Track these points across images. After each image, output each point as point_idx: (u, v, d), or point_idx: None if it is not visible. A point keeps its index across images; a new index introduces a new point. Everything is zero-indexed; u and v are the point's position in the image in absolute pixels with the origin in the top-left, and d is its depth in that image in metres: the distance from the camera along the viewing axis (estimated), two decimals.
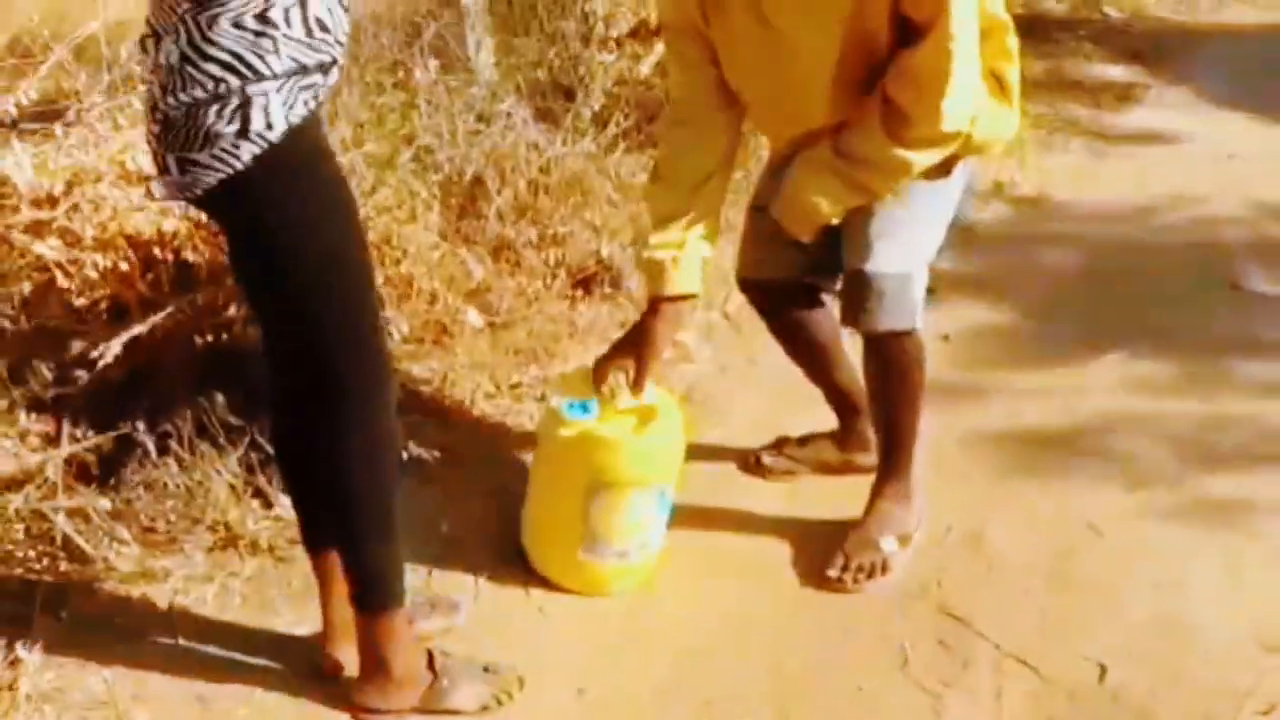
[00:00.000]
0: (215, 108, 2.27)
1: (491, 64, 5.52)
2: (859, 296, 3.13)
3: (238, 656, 2.94)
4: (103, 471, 3.29)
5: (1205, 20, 8.87)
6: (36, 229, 3.46)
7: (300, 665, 2.90)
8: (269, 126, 2.29)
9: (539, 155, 4.75)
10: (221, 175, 2.29)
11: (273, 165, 2.30)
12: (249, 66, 2.26)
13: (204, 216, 3.29)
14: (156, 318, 3.34)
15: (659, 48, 5.75)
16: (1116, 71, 7.57)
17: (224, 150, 2.28)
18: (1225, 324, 4.65)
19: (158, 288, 3.47)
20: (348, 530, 2.66)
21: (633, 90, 5.58)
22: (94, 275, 3.40)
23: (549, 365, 4.09)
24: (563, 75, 5.58)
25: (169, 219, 3.53)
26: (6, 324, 3.46)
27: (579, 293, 4.50)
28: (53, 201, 3.49)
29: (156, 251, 3.49)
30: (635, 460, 3.10)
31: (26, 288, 3.45)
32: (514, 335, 4.19)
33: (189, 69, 2.26)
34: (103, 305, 3.47)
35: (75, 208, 3.46)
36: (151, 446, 3.25)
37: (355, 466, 2.57)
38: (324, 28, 2.31)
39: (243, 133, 2.27)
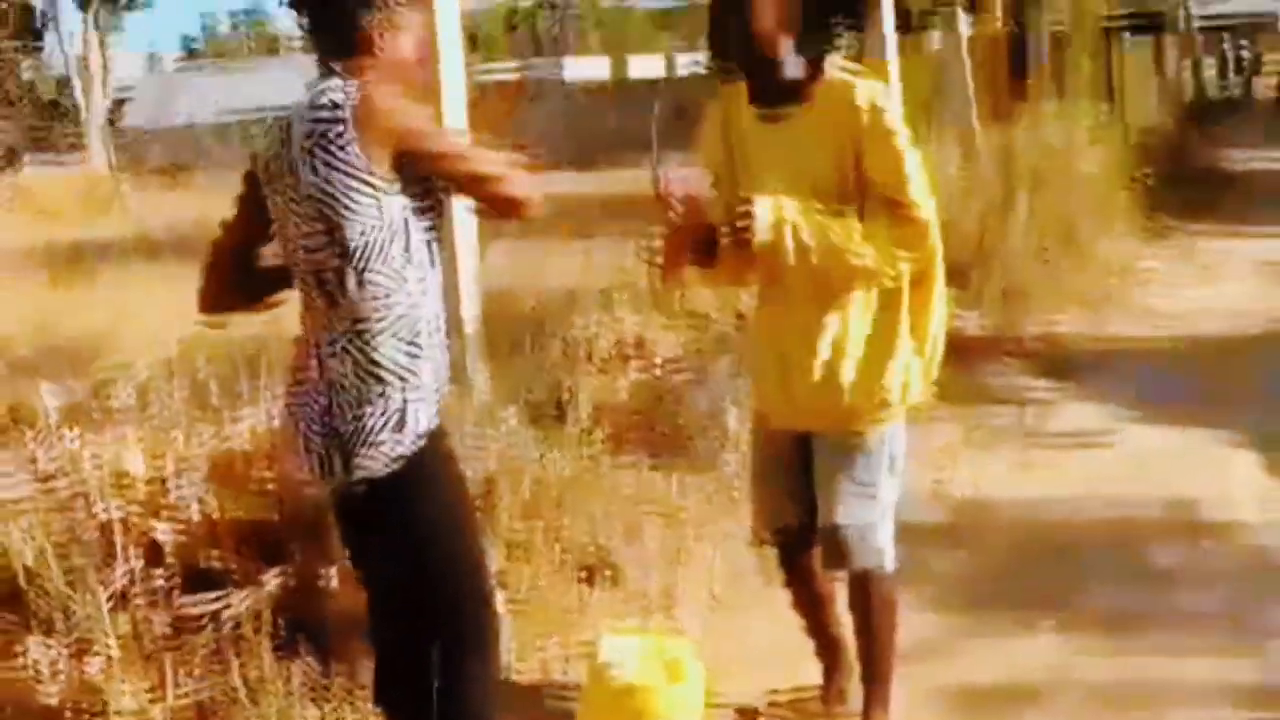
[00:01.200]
0: (381, 418, 3.05)
1: (487, 381, 6.29)
2: (833, 544, 3.96)
3: None
4: None
5: (1116, 337, 9.86)
6: (151, 510, 4.15)
7: None
8: (418, 428, 3.06)
9: (539, 462, 5.48)
10: (381, 470, 3.02)
11: (419, 457, 3.03)
12: (407, 377, 3.06)
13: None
14: (256, 588, 4.02)
15: (635, 368, 6.63)
16: (1038, 385, 8.45)
17: (384, 450, 3.05)
18: (1138, 599, 5.32)
19: (253, 561, 4.16)
20: None
21: (614, 407, 6.38)
22: (198, 550, 4.09)
23: (568, 637, 4.74)
24: (552, 392, 6.37)
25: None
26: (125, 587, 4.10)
27: (584, 579, 5.20)
28: (163, 487, 4.20)
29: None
30: (672, 706, 3.81)
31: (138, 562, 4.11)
32: (533, 614, 4.83)
33: (361, 387, 3.05)
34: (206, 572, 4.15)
35: (181, 495, 4.17)
36: (245, 699, 3.86)
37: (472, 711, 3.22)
38: (445, 346, 3.08)
39: (399, 436, 3.03)
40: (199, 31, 77.46)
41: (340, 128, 3.04)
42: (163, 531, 4.15)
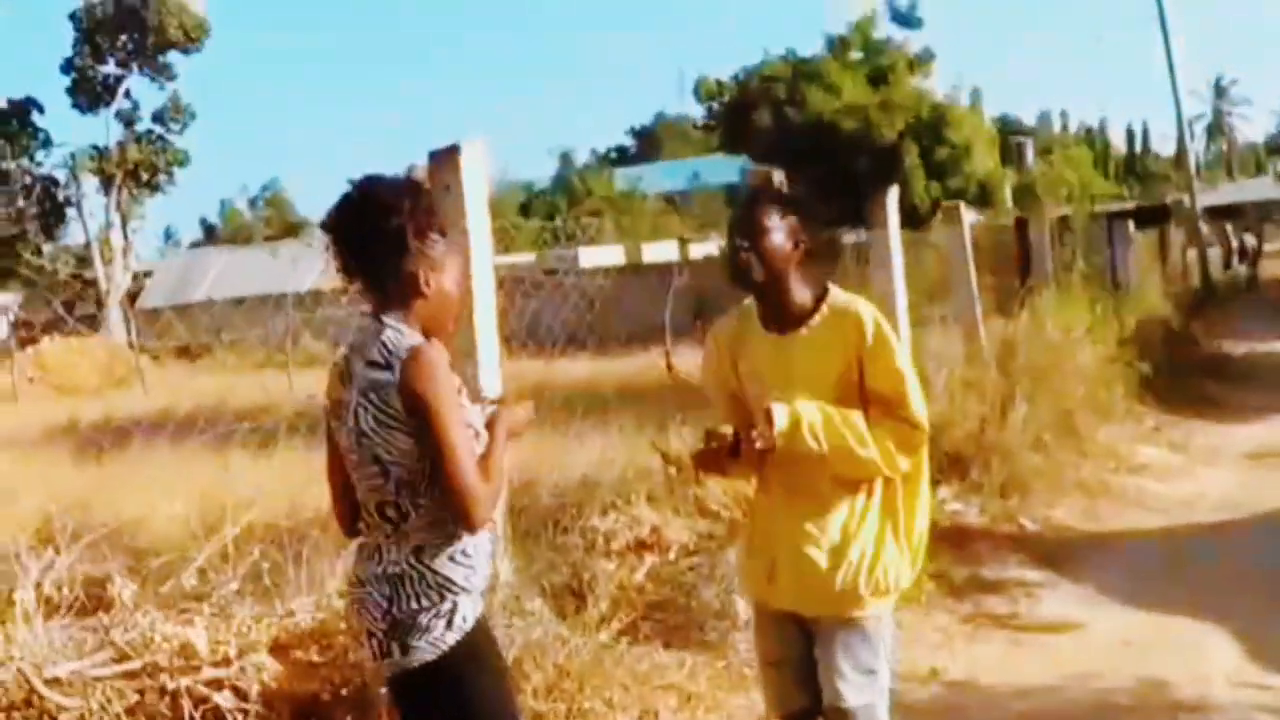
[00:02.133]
0: (434, 613, 3.57)
1: (513, 570, 6.76)
2: None
3: None
4: None
5: (1108, 527, 10.29)
6: (215, 683, 4.63)
7: None
8: (465, 622, 3.59)
9: (562, 646, 5.94)
10: (432, 657, 3.53)
11: (466, 642, 3.53)
12: (459, 587, 3.59)
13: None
14: None
15: (650, 559, 7.12)
16: (1032, 574, 8.87)
17: (436, 639, 3.56)
18: None
19: None
20: None
21: (632, 594, 6.86)
22: None
23: None
24: (572, 579, 6.85)
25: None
26: None
27: None
28: (227, 663, 4.68)
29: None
30: None
31: None
32: None
33: (418, 594, 3.57)
34: None
35: (242, 670, 4.64)
36: None
37: None
38: (492, 554, 3.58)
39: (449, 628, 3.55)
40: (218, 212, 78.83)
41: (388, 376, 3.56)
42: (225, 701, 4.62)
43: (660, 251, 42.43)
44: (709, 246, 38.67)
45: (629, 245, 44.07)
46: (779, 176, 8.82)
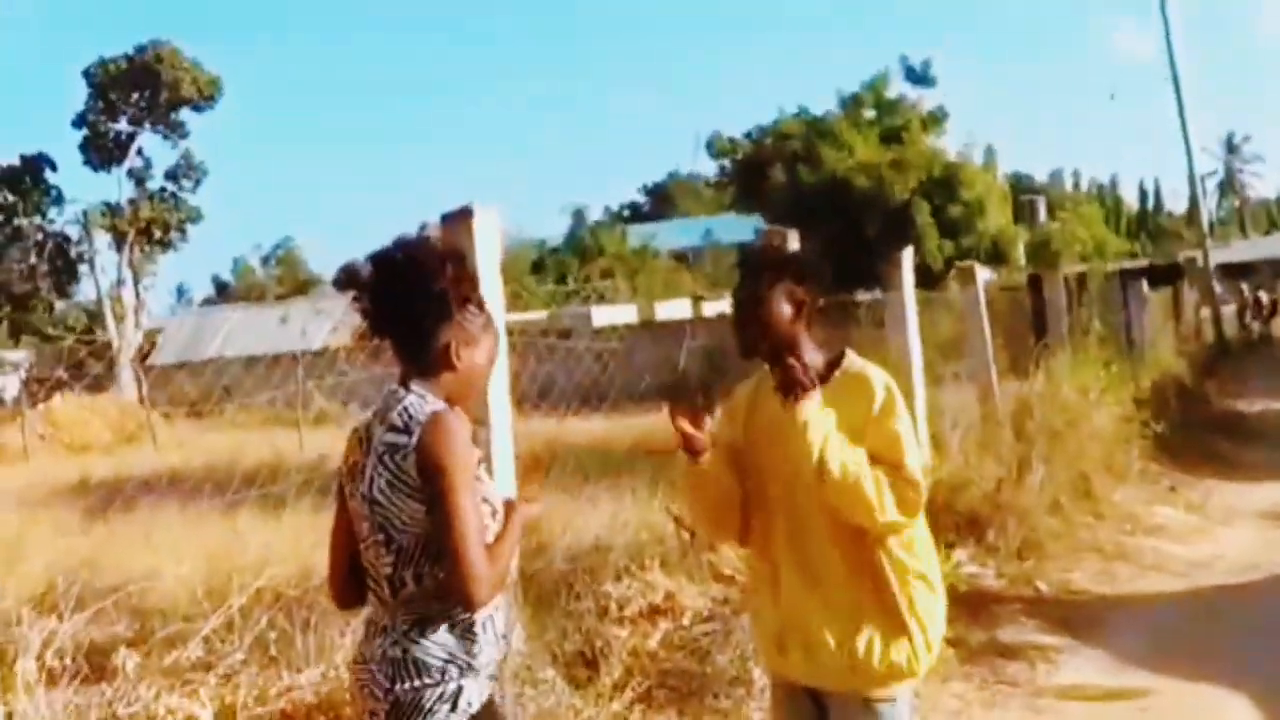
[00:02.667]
0: (438, 694, 3.45)
1: (524, 637, 6.67)
2: None
3: None
4: None
5: (1125, 590, 10.17)
6: None
7: None
8: (470, 706, 3.48)
9: (575, 716, 5.85)
10: None
11: None
12: (463, 664, 3.47)
13: None
14: None
15: (664, 625, 7.02)
16: (1049, 638, 8.75)
17: None
18: None
19: None
20: None
21: (645, 661, 6.75)
22: None
23: None
24: (585, 647, 6.75)
25: None
26: None
27: None
28: None
29: None
30: None
31: None
32: None
33: (421, 671, 3.45)
34: None
35: None
36: None
37: None
38: (504, 635, 3.48)
39: (453, 710, 3.45)
40: (231, 269, 79.01)
41: (406, 440, 3.47)
42: None
43: (673, 309, 42.40)
44: (722, 304, 38.66)
45: (642, 303, 44.05)
46: (793, 236, 8.72)
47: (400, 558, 3.50)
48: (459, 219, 6.10)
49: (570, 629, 6.89)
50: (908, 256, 11.38)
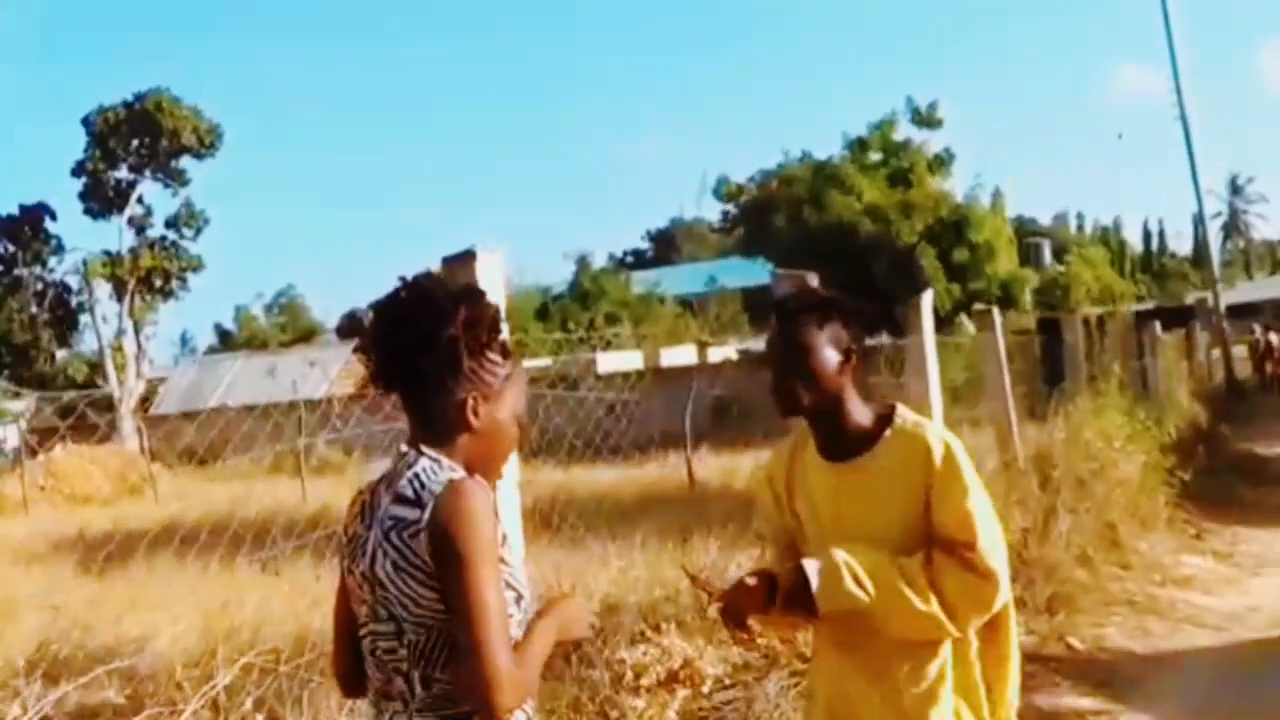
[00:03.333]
0: None
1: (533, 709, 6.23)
2: None
3: None
4: None
5: (1161, 647, 9.72)
6: None
7: None
8: None
9: None
10: None
11: None
12: None
13: None
14: None
15: (681, 693, 6.55)
16: (1088, 702, 8.31)
17: None
18: None
19: None
20: None
21: None
22: None
23: None
24: (599, 718, 6.31)
25: None
26: None
27: None
28: None
29: None
30: None
31: None
32: None
33: None
34: None
35: None
36: None
37: None
38: None
39: None
40: (233, 317, 78.61)
41: (417, 515, 2.98)
42: None
43: (678, 355, 42.04)
44: (727, 350, 38.39)
45: (647, 349, 43.71)
46: (812, 278, 8.26)
47: (412, 654, 3.02)
48: (462, 262, 5.70)
49: (584, 699, 6.44)
50: (927, 300, 10.97)
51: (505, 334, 3.21)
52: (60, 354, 53.47)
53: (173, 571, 12.12)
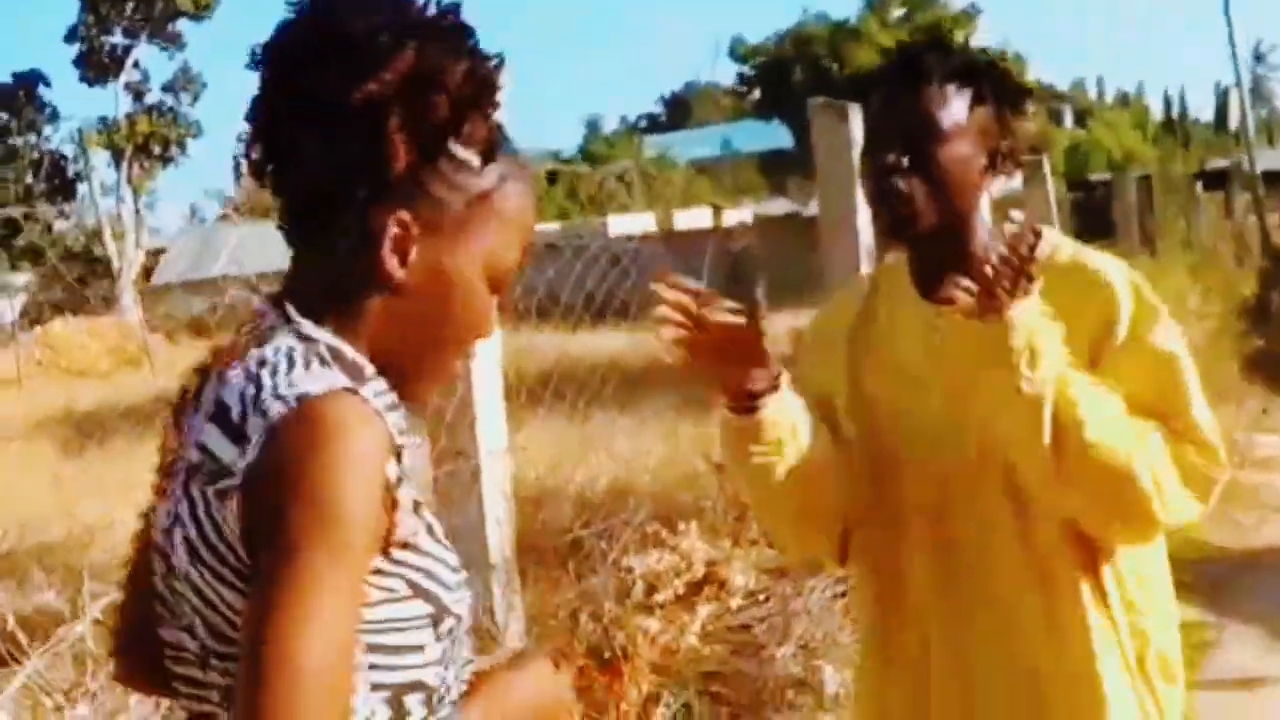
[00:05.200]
0: None
1: (522, 633, 4.94)
2: None
3: None
4: None
5: (1253, 542, 8.57)
6: None
7: None
8: None
9: None
10: None
11: None
12: None
13: None
14: None
15: (702, 610, 5.24)
16: (1189, 612, 7.09)
17: None
18: None
19: None
20: None
21: (682, 662, 5.00)
22: None
23: None
24: (603, 643, 4.98)
25: None
26: None
27: None
28: None
29: None
30: None
31: None
32: None
33: None
34: None
35: None
36: None
37: None
38: None
39: None
40: (234, 183, 77.56)
41: (233, 458, 1.47)
42: None
43: (693, 218, 40.85)
44: (743, 213, 37.43)
45: (660, 212, 42.52)
46: (855, 112, 6.82)
47: (225, 693, 1.52)
48: None
49: (584, 617, 5.11)
50: None
51: (496, 116, 1.61)
52: (58, 225, 52.26)
53: (152, 450, 11.10)
